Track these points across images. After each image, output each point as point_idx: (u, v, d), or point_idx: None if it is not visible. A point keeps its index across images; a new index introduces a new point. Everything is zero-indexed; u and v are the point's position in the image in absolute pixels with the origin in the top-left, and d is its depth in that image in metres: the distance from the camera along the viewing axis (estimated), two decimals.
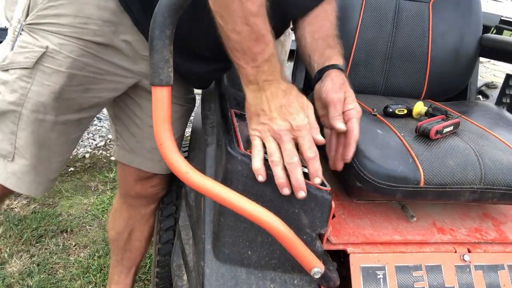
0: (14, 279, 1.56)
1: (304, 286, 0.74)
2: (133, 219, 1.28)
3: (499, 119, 1.05)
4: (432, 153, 0.83)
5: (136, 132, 1.09)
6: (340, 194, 0.96)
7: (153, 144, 1.08)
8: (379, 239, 0.83)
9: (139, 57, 0.94)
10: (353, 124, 0.77)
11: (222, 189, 0.60)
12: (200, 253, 0.77)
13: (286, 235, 0.62)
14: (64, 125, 0.91)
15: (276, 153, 0.65)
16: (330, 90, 0.80)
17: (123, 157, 1.14)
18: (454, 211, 0.96)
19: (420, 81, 1.24)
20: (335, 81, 0.81)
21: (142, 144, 1.10)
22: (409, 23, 1.21)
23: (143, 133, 1.09)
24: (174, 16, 0.56)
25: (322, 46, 0.91)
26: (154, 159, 1.12)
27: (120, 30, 0.88)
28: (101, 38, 0.86)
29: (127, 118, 1.08)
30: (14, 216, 1.90)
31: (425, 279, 0.80)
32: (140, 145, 1.10)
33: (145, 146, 1.10)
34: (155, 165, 1.13)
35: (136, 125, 1.08)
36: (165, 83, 0.58)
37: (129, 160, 1.13)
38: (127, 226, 1.29)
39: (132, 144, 1.11)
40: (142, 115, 1.06)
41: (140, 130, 1.08)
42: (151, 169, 1.13)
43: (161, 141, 0.59)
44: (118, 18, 0.87)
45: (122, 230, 1.30)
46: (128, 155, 1.13)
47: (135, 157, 1.12)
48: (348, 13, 1.18)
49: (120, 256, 1.35)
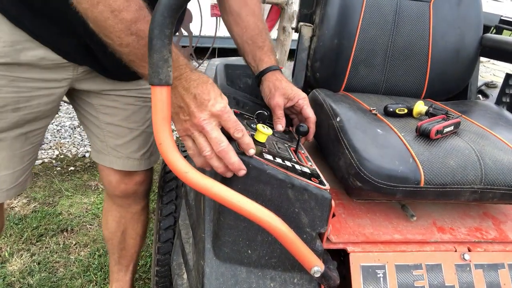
0: (14, 277, 1.57)
1: (304, 285, 0.75)
2: (125, 218, 1.28)
3: (499, 119, 1.05)
4: (433, 153, 0.83)
5: (97, 132, 1.10)
6: (340, 194, 0.96)
7: (116, 141, 1.10)
8: (379, 238, 0.83)
9: (58, 65, 0.91)
10: (306, 111, 0.92)
11: (222, 188, 0.60)
12: (200, 252, 0.77)
13: (286, 234, 0.62)
14: (2, 142, 0.92)
15: (205, 146, 0.65)
16: (268, 97, 0.93)
17: (96, 157, 1.15)
18: (454, 211, 0.96)
19: (421, 81, 1.24)
20: (271, 87, 0.92)
21: (106, 143, 1.10)
22: (410, 22, 1.21)
23: (103, 132, 1.09)
24: (173, 16, 0.55)
25: (252, 49, 0.96)
26: (122, 156, 1.12)
27: (27, 47, 0.85)
28: (6, 59, 0.84)
29: (86, 120, 1.10)
30: (14, 215, 1.90)
31: (425, 278, 0.80)
32: (105, 144, 1.11)
33: (109, 144, 1.11)
34: (125, 162, 1.13)
35: (95, 125, 1.09)
36: (164, 82, 0.58)
37: (101, 160, 1.14)
38: (119, 225, 1.29)
39: (98, 144, 1.12)
40: (98, 114, 1.06)
41: (100, 130, 1.09)
42: (122, 167, 1.14)
43: (161, 140, 0.59)
44: (18, 36, 0.84)
45: (115, 229, 1.30)
46: (98, 155, 1.14)
47: (105, 157, 1.13)
48: (348, 12, 1.18)
49: (117, 255, 1.36)
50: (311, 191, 0.69)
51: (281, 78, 0.94)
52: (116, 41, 0.65)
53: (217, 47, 3.86)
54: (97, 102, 1.05)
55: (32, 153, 1.01)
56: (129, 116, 1.08)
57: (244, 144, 0.66)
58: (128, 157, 1.13)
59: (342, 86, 1.23)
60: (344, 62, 1.21)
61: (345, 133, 0.87)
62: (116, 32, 0.64)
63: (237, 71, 1.35)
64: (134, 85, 1.06)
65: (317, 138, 1.01)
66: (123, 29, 0.63)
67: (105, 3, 0.62)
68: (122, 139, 1.10)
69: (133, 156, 1.13)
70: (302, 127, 0.81)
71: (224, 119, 0.65)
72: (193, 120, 0.64)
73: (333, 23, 1.18)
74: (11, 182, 0.98)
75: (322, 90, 1.14)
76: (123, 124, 1.09)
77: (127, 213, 1.27)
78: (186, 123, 0.66)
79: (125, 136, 1.10)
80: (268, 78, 0.94)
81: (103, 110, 1.06)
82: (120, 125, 1.09)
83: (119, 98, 1.05)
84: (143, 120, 1.12)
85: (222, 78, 1.22)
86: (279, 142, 0.84)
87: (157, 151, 1.22)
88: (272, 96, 0.92)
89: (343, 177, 0.85)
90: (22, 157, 0.98)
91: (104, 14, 0.62)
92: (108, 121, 1.07)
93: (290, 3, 3.06)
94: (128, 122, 1.09)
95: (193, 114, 0.64)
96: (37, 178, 2.23)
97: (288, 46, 3.20)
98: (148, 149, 1.16)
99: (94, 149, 1.14)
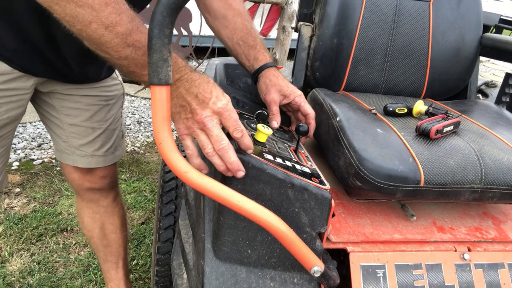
0: (14, 277, 1.57)
1: (304, 284, 0.75)
2: (98, 213, 1.28)
3: (499, 118, 1.05)
4: (432, 152, 0.83)
5: (60, 132, 1.10)
6: (340, 193, 0.96)
7: (79, 141, 1.10)
8: (379, 238, 0.83)
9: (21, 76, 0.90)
10: (305, 107, 0.93)
11: (222, 188, 0.60)
12: (200, 251, 0.77)
13: (286, 234, 0.62)
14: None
15: (207, 144, 0.65)
16: (264, 92, 0.93)
17: (59, 157, 1.15)
18: (454, 210, 0.96)
19: (421, 80, 1.24)
20: (267, 83, 0.93)
21: (69, 143, 1.11)
22: (410, 22, 1.21)
23: (66, 133, 1.09)
24: (173, 16, 0.55)
25: (244, 49, 0.97)
26: (86, 154, 1.13)
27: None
28: None
29: (49, 121, 1.10)
30: (14, 215, 1.90)
31: (425, 277, 0.80)
32: (68, 144, 1.11)
33: (73, 144, 1.11)
34: (89, 160, 1.14)
35: (58, 126, 1.09)
36: (164, 82, 0.58)
37: (65, 159, 1.14)
38: (94, 221, 1.29)
39: (61, 144, 1.12)
40: (60, 115, 1.07)
41: (63, 130, 1.09)
42: (87, 164, 1.14)
43: (161, 140, 0.59)
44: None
45: (91, 226, 1.30)
46: (61, 155, 1.14)
47: (68, 156, 1.13)
48: (348, 12, 1.18)
49: (103, 253, 1.36)
50: (311, 191, 0.69)
51: (277, 74, 0.94)
52: (114, 55, 0.65)
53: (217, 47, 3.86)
54: (59, 104, 1.05)
55: (4, 154, 1.01)
56: (91, 116, 1.09)
57: (243, 144, 0.66)
58: (92, 155, 1.13)
59: (341, 85, 1.23)
60: (343, 62, 1.21)
61: (345, 132, 0.87)
62: (113, 47, 0.64)
63: (237, 70, 1.34)
64: (95, 85, 1.06)
65: (317, 138, 1.01)
66: (119, 43, 0.64)
67: (97, 21, 0.62)
68: (85, 138, 1.11)
69: (97, 153, 1.14)
70: (302, 127, 0.81)
71: (225, 117, 0.65)
72: (195, 117, 0.65)
73: (332, 22, 1.18)
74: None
75: (322, 89, 1.14)
76: (86, 124, 1.09)
77: (99, 207, 1.27)
78: (188, 121, 0.66)
79: (88, 136, 1.11)
80: (264, 74, 0.94)
81: (65, 111, 1.06)
82: (83, 125, 1.09)
83: (82, 99, 1.05)
84: (105, 118, 1.12)
85: (221, 77, 1.22)
86: (279, 142, 0.84)
87: (122, 145, 1.24)
88: (268, 92, 0.92)
89: (343, 176, 0.85)
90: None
91: (98, 32, 0.63)
92: (70, 122, 1.08)
93: (290, 3, 3.06)
94: (91, 122, 1.09)
95: (195, 112, 0.65)
96: (37, 178, 2.23)
97: (288, 45, 3.20)
98: (112, 144, 1.17)
99: (58, 149, 1.14)
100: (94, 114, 1.09)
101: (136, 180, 2.30)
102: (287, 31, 3.11)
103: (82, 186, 1.21)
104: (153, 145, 2.78)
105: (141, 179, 2.32)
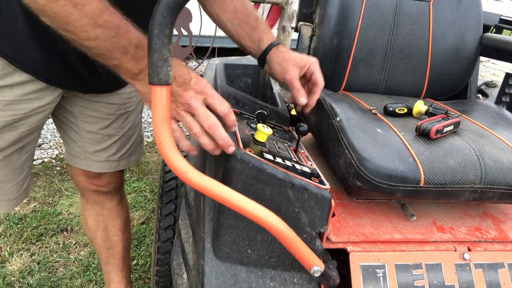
0: (14, 277, 1.57)
1: (304, 284, 0.75)
2: (102, 215, 1.28)
3: (499, 118, 1.05)
4: (432, 152, 0.83)
5: (77, 138, 1.10)
6: (340, 193, 0.96)
7: (95, 147, 1.10)
8: (379, 237, 0.83)
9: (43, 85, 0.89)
10: (317, 76, 0.90)
11: (222, 188, 0.60)
12: (200, 251, 0.77)
13: (286, 234, 0.62)
14: (2, 160, 0.92)
15: (194, 124, 0.64)
16: (281, 72, 0.89)
17: (71, 161, 1.15)
18: (454, 210, 0.96)
19: (421, 80, 1.24)
20: (281, 61, 0.89)
21: (84, 148, 1.11)
22: (410, 22, 1.21)
23: (82, 139, 1.09)
24: (173, 16, 0.55)
25: (247, 31, 0.93)
26: (100, 160, 1.13)
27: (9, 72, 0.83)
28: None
29: (66, 126, 1.09)
30: (14, 215, 1.90)
31: (425, 277, 0.80)
32: (82, 150, 1.11)
33: (88, 150, 1.11)
34: (102, 165, 1.14)
35: (75, 132, 1.09)
36: (164, 82, 0.58)
37: (78, 163, 1.14)
38: (98, 223, 1.29)
39: (75, 149, 1.12)
40: (78, 122, 1.06)
41: (80, 136, 1.09)
42: (99, 169, 1.14)
43: (161, 140, 0.59)
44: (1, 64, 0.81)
45: (95, 228, 1.30)
46: (74, 159, 1.14)
47: (82, 161, 1.13)
48: (348, 12, 1.18)
49: (105, 255, 1.36)
50: (311, 191, 0.69)
51: (287, 50, 0.91)
52: (82, 35, 0.62)
53: (217, 47, 3.86)
54: (78, 111, 1.04)
55: (29, 159, 1.01)
56: (109, 124, 1.09)
57: (230, 120, 0.66)
58: (107, 160, 1.13)
59: (342, 85, 1.23)
60: (344, 62, 1.21)
61: (345, 132, 0.87)
62: (81, 27, 0.61)
63: (237, 70, 1.34)
64: (116, 92, 1.06)
65: (317, 138, 1.01)
66: (89, 23, 0.60)
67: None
68: (101, 145, 1.11)
69: (111, 158, 1.14)
70: (302, 126, 0.81)
71: (209, 94, 0.65)
72: (179, 99, 0.64)
73: (333, 22, 1.18)
74: (17, 191, 1.00)
75: (322, 89, 1.14)
76: (103, 132, 1.09)
77: (103, 209, 1.27)
78: (172, 104, 0.65)
79: (104, 142, 1.11)
80: (274, 54, 0.91)
81: (84, 118, 1.06)
82: (100, 133, 1.09)
83: (102, 108, 1.05)
84: (122, 125, 1.12)
85: (221, 77, 1.22)
86: (279, 142, 0.84)
87: (139, 150, 1.24)
88: (285, 70, 0.88)
89: (343, 176, 0.85)
90: (21, 167, 0.99)
91: (66, 9, 0.59)
92: (88, 129, 1.08)
93: (290, 3, 3.06)
94: (108, 130, 1.09)
95: (178, 93, 0.64)
96: (37, 177, 2.23)
97: (288, 45, 3.20)
98: (127, 150, 1.17)
99: (70, 153, 1.14)
100: (112, 123, 1.09)
101: (136, 180, 2.30)
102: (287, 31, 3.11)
103: (88, 188, 1.21)
104: (153, 145, 2.78)
105: (141, 179, 2.32)
